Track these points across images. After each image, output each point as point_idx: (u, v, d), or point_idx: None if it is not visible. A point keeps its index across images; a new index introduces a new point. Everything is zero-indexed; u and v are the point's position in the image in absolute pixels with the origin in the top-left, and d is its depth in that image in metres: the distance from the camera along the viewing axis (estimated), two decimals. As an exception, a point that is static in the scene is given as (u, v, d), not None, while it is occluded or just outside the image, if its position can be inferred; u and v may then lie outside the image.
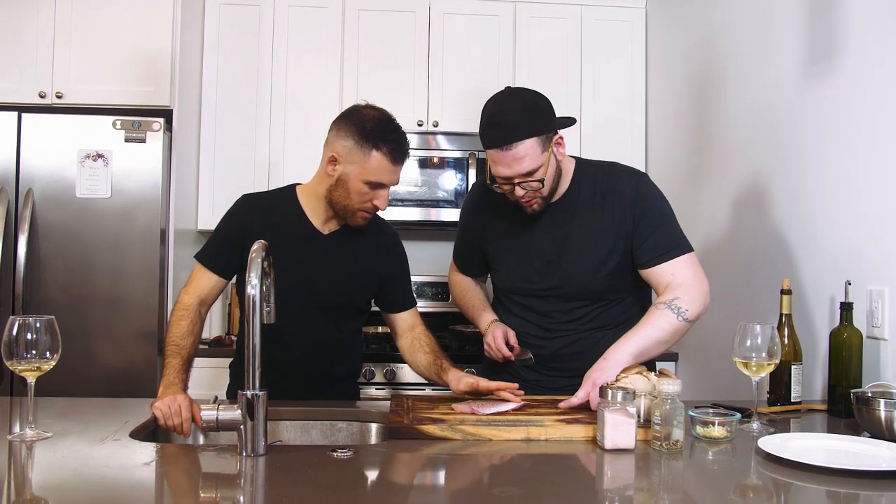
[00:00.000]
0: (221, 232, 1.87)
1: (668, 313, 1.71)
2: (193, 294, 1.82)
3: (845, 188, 1.96)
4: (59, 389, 1.89)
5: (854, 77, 1.94)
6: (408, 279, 2.00)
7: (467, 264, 2.10)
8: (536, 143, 1.71)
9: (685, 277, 1.77)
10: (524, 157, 1.70)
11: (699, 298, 1.75)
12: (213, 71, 3.21)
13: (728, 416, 1.48)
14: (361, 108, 1.80)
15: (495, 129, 1.71)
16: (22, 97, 2.84)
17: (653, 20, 3.38)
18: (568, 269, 1.85)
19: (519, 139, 1.69)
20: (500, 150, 1.71)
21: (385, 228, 1.98)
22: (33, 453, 1.34)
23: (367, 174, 1.73)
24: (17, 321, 1.39)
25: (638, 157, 3.38)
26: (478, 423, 1.51)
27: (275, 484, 1.22)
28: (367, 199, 1.76)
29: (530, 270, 1.89)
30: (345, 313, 1.91)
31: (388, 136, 1.74)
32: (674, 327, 1.71)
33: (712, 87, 2.75)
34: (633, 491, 1.26)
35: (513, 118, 1.71)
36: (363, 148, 1.72)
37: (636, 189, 1.84)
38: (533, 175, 1.73)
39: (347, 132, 1.75)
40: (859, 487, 1.21)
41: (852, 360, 1.77)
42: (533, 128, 1.71)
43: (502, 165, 1.72)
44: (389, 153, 1.73)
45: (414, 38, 3.31)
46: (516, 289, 1.94)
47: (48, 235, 2.72)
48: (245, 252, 1.80)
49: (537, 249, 1.88)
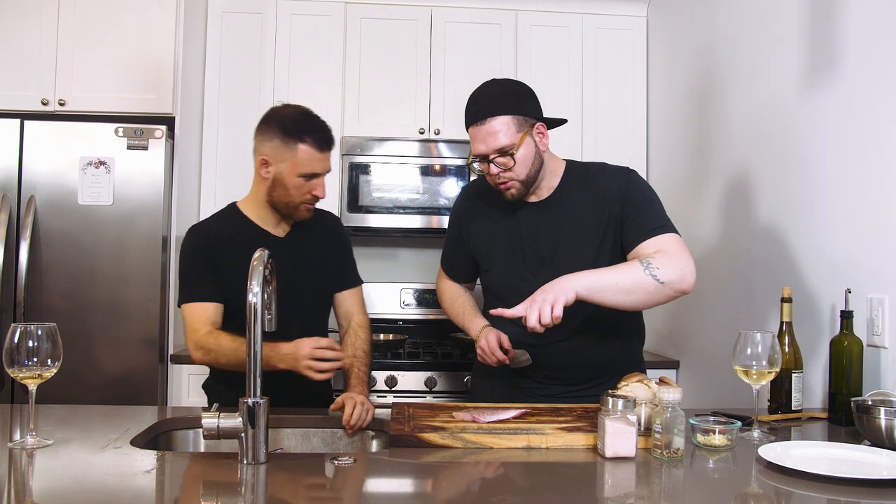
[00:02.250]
0: (192, 268, 1.88)
1: (637, 265, 1.68)
2: (203, 325, 1.81)
3: (845, 196, 1.96)
4: (61, 396, 1.90)
5: (854, 86, 1.94)
6: (351, 258, 2.07)
7: (456, 269, 2.10)
8: (511, 121, 1.77)
9: (669, 248, 1.73)
10: (497, 131, 1.76)
11: (678, 265, 1.69)
12: (216, 78, 3.22)
13: (728, 425, 1.48)
14: (279, 109, 1.88)
15: (473, 106, 1.81)
16: (24, 104, 2.85)
17: (654, 29, 3.39)
18: (562, 265, 1.84)
19: (492, 114, 1.77)
20: (475, 125, 1.78)
21: (325, 214, 2.07)
22: (34, 461, 1.34)
23: (299, 167, 1.81)
24: (19, 329, 1.40)
25: (639, 165, 3.38)
26: (479, 431, 1.51)
27: (276, 492, 1.23)
28: (306, 191, 1.84)
29: (524, 269, 1.89)
30: (320, 305, 1.97)
31: (310, 128, 1.83)
32: (639, 279, 1.66)
33: (713, 95, 2.75)
34: (634, 499, 1.26)
35: (489, 96, 1.81)
36: (288, 144, 1.81)
37: (625, 182, 1.87)
38: (505, 153, 1.77)
39: (271, 133, 1.83)
40: (860, 496, 1.21)
41: (853, 369, 1.77)
42: (507, 106, 1.78)
43: (478, 141, 1.79)
44: (314, 143, 1.82)
45: (416, 47, 3.32)
46: (510, 289, 1.91)
47: (50, 242, 2.73)
48: (220, 273, 1.84)
49: (531, 247, 1.89)
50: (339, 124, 3.27)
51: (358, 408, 1.66)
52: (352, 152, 3.21)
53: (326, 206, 3.11)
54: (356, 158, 3.21)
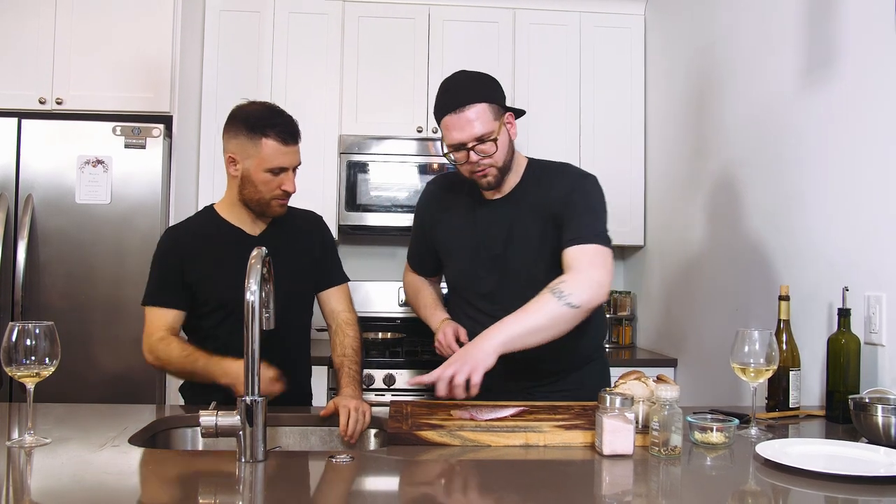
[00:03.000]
0: (159, 271, 1.89)
1: (549, 298, 1.65)
2: (158, 330, 1.82)
3: (843, 195, 1.97)
4: (59, 395, 1.89)
5: (851, 84, 1.94)
6: (334, 256, 2.04)
7: (420, 263, 2.10)
8: (487, 109, 1.77)
9: (581, 263, 1.72)
10: (476, 119, 1.75)
11: (587, 284, 1.67)
12: (214, 77, 3.22)
13: (726, 422, 1.48)
14: (243, 107, 1.86)
15: (446, 95, 1.79)
16: (22, 103, 2.84)
17: (651, 27, 3.39)
18: (511, 264, 1.86)
19: (470, 101, 1.75)
20: (452, 113, 1.75)
21: (306, 213, 2.04)
22: (32, 459, 1.34)
23: (265, 162, 1.79)
24: (17, 327, 1.40)
25: (637, 163, 3.39)
26: (476, 428, 1.51)
27: (274, 490, 1.22)
28: (275, 186, 1.82)
29: (478, 265, 1.90)
30: (298, 304, 1.93)
31: (273, 122, 1.80)
32: (555, 314, 1.63)
33: (710, 94, 2.76)
34: (632, 497, 1.26)
35: (462, 84, 1.80)
36: (253, 139, 1.79)
37: (575, 183, 1.86)
38: (485, 140, 1.76)
39: (236, 131, 1.81)
40: (857, 493, 1.21)
41: (850, 366, 1.77)
42: (483, 93, 1.78)
43: (455, 130, 1.76)
44: (277, 136, 1.79)
45: (413, 45, 3.32)
46: (466, 285, 1.94)
47: (48, 241, 2.72)
48: (186, 282, 1.84)
49: (484, 244, 1.89)
50: (337, 123, 3.27)
51: (353, 415, 1.64)
52: (349, 151, 3.21)
53: (325, 205, 3.16)
54: (354, 157, 3.21)
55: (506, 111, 1.83)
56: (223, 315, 1.84)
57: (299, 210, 2.02)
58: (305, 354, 2.04)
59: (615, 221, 3.32)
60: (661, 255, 3.24)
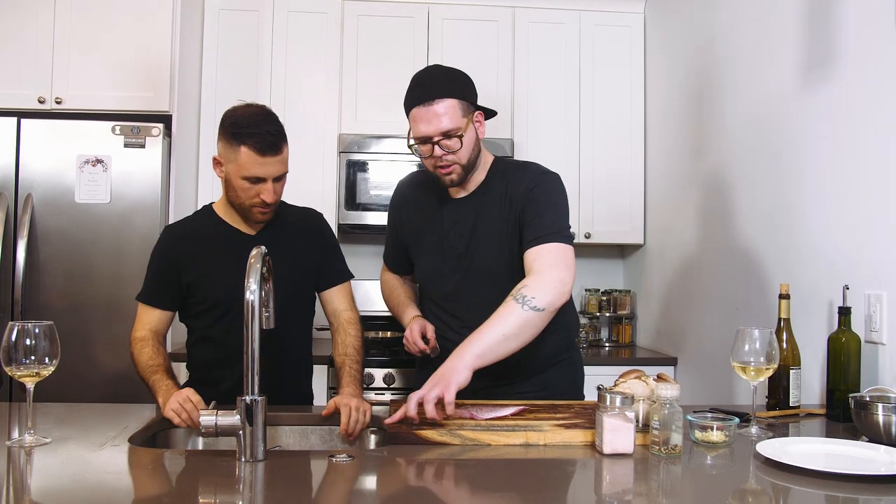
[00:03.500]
0: (154, 269, 1.90)
1: (513, 305, 1.63)
2: (143, 329, 1.85)
3: (843, 193, 1.97)
4: (59, 394, 1.90)
5: (851, 82, 1.94)
6: (335, 254, 2.02)
7: (394, 262, 2.10)
8: (457, 105, 1.77)
9: (542, 264, 1.71)
10: (444, 114, 1.75)
11: (550, 286, 1.67)
12: (213, 76, 3.21)
13: (726, 421, 1.48)
14: (236, 108, 1.83)
15: (417, 87, 1.79)
16: (21, 102, 2.85)
17: (651, 26, 3.39)
18: (475, 260, 1.86)
19: (440, 96, 1.75)
20: (421, 106, 1.76)
21: (306, 211, 2.02)
22: (32, 459, 1.34)
23: (241, 170, 1.76)
24: (16, 327, 1.40)
25: (637, 162, 3.39)
26: (477, 427, 1.51)
27: (274, 489, 1.22)
28: (254, 195, 1.79)
29: (443, 264, 1.90)
30: (296, 304, 1.91)
31: (252, 131, 1.74)
32: (521, 320, 1.62)
33: (710, 92, 2.76)
34: (632, 496, 1.26)
35: (434, 79, 1.79)
36: (232, 146, 1.76)
37: (535, 181, 1.85)
38: (452, 136, 1.76)
39: (221, 134, 1.80)
40: (857, 492, 1.21)
41: (850, 365, 1.77)
42: (453, 90, 1.77)
43: (423, 122, 1.76)
44: (254, 146, 1.74)
45: (413, 44, 3.32)
46: (431, 283, 1.95)
47: (47, 240, 2.72)
48: (181, 281, 1.84)
49: (448, 244, 1.89)
50: (337, 122, 3.27)
51: (353, 415, 1.64)
52: (349, 150, 3.21)
53: (325, 204, 3.15)
54: (353, 156, 3.21)
55: (476, 109, 1.83)
56: (219, 314, 1.84)
57: (298, 208, 2.01)
58: (306, 354, 2.03)
59: (615, 220, 3.38)
60: (661, 253, 3.24)
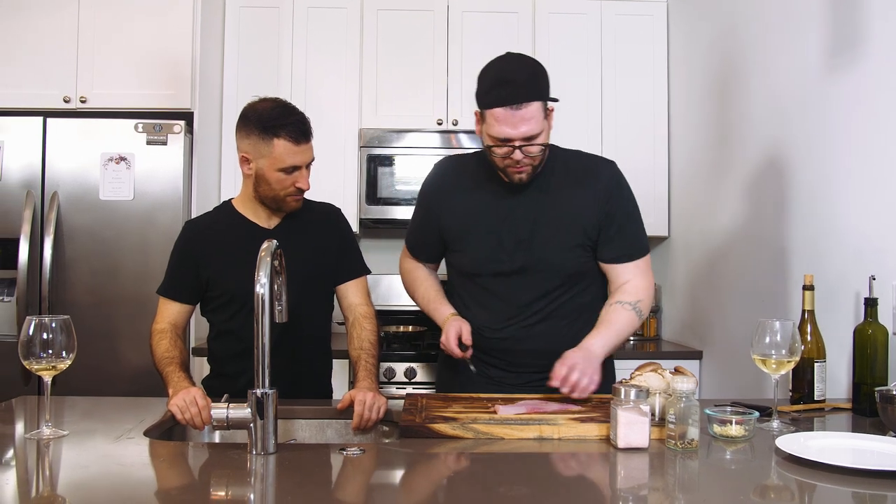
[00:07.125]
0: (173, 263, 1.93)
1: (633, 315, 1.82)
2: (163, 322, 1.87)
3: (870, 181, 1.91)
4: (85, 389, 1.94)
5: (878, 66, 1.88)
6: (353, 249, 2.01)
7: (422, 248, 2.03)
8: (541, 108, 1.71)
9: (644, 280, 1.88)
10: (531, 118, 1.68)
11: (649, 296, 1.89)
12: (234, 73, 3.24)
13: (745, 415, 1.45)
14: (255, 104, 1.84)
15: (506, 86, 1.67)
16: (47, 102, 2.89)
17: (674, 13, 3.33)
18: (541, 248, 1.82)
19: (528, 99, 1.67)
20: (509, 108, 1.67)
21: (323, 206, 2.03)
22: (49, 451, 1.36)
23: (278, 162, 1.79)
24: (33, 321, 1.42)
25: (660, 152, 3.34)
26: (490, 421, 1.50)
27: (284, 482, 1.22)
28: (289, 184, 1.82)
29: (499, 250, 1.84)
30: (313, 297, 1.92)
31: (284, 122, 1.78)
32: (633, 322, 1.83)
33: (735, 79, 2.70)
34: (647, 490, 1.24)
35: (522, 78, 1.69)
36: (265, 140, 1.78)
37: (614, 178, 1.85)
38: (534, 140, 1.71)
39: (248, 130, 1.80)
40: (884, 488, 1.17)
41: (877, 358, 1.72)
42: (540, 92, 1.71)
43: (508, 125, 1.68)
44: (289, 136, 1.77)
45: (432, 37, 3.30)
46: (483, 270, 1.87)
47: (73, 237, 2.77)
48: (199, 275, 1.86)
49: (509, 228, 1.84)
50: (357, 117, 3.27)
51: (366, 412, 1.63)
52: (370, 145, 3.21)
53: (346, 199, 3.16)
54: (374, 151, 3.21)
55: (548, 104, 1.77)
56: (236, 308, 1.85)
57: (316, 203, 2.01)
58: (324, 347, 2.04)
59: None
60: (687, 245, 3.19)
